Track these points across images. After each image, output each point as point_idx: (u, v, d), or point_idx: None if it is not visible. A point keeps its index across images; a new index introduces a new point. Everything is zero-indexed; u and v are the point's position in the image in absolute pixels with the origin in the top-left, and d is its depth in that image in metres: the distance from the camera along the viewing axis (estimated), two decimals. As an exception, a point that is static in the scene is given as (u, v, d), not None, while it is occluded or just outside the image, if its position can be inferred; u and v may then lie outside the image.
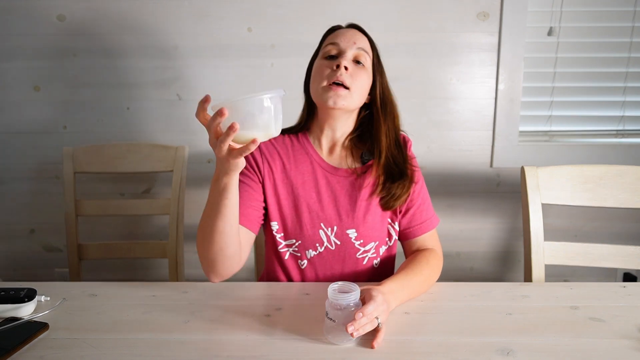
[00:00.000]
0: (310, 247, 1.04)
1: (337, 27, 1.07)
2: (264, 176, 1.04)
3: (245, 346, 0.78)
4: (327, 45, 1.01)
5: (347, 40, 1.00)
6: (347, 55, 0.99)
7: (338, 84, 0.96)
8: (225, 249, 0.90)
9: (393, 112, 1.06)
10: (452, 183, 1.73)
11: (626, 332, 0.82)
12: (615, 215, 1.74)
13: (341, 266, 1.05)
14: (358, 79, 0.98)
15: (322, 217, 1.03)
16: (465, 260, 1.80)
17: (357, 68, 0.99)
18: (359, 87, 0.99)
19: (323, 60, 1.01)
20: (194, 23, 1.62)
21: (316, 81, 1.00)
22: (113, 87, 1.67)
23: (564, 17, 1.64)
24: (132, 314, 0.89)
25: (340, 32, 1.03)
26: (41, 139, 1.70)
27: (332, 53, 1.00)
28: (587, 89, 1.70)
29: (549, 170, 1.27)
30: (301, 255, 1.05)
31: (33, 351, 0.76)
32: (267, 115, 0.73)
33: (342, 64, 0.96)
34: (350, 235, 1.03)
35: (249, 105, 0.71)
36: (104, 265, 1.81)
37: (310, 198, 1.03)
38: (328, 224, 1.03)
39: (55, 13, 1.61)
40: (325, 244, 1.03)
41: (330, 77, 0.97)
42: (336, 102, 0.96)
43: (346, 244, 1.03)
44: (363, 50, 1.01)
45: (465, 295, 0.96)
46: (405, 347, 0.77)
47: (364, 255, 1.04)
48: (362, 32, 1.05)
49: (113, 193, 1.74)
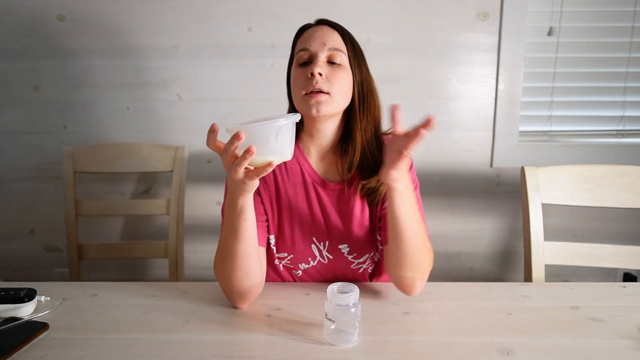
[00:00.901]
0: (302, 261, 1.02)
1: (305, 27, 1.01)
2: (261, 191, 1.00)
3: (245, 346, 0.78)
4: (299, 51, 0.96)
5: (317, 42, 0.94)
6: (319, 61, 0.93)
7: (316, 92, 0.92)
8: (250, 272, 0.87)
9: (372, 106, 1.00)
10: (452, 183, 1.73)
11: (626, 332, 0.82)
12: (615, 215, 1.74)
13: (335, 276, 1.03)
14: (336, 80, 0.93)
15: (314, 231, 1.00)
16: (465, 260, 1.80)
17: (333, 69, 0.93)
18: (339, 89, 0.93)
19: (297, 68, 0.96)
20: (194, 23, 1.62)
21: (295, 91, 0.95)
22: (113, 87, 1.67)
23: (564, 17, 1.64)
24: (132, 314, 0.89)
25: (308, 33, 0.97)
26: (41, 139, 1.70)
27: (304, 59, 0.95)
28: (587, 89, 1.70)
29: (549, 170, 1.27)
30: (294, 267, 1.04)
31: (33, 351, 0.76)
32: (282, 139, 0.74)
33: (315, 72, 0.91)
34: (343, 250, 1.01)
35: (266, 130, 0.72)
36: (104, 265, 1.81)
37: (303, 211, 1.00)
38: (320, 239, 1.00)
39: (55, 13, 1.61)
40: (318, 259, 1.02)
41: (307, 86, 0.92)
42: (319, 109, 0.91)
43: (339, 258, 1.01)
44: (335, 49, 0.94)
45: (465, 295, 0.96)
46: (405, 347, 0.77)
47: (359, 267, 1.03)
48: (332, 27, 0.98)
49: (113, 193, 1.74)
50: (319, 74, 0.91)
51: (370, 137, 0.99)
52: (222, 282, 0.90)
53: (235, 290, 0.89)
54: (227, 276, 0.87)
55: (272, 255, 1.03)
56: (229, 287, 0.89)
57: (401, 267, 0.90)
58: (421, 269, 0.91)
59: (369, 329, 0.82)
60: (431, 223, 1.74)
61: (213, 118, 1.67)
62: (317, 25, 0.99)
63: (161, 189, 1.74)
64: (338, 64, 0.94)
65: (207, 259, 1.80)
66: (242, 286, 0.88)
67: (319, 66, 0.92)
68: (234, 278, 0.87)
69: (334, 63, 0.94)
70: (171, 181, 1.57)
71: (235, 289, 0.88)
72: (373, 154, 0.98)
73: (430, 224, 1.88)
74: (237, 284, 0.88)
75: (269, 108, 1.66)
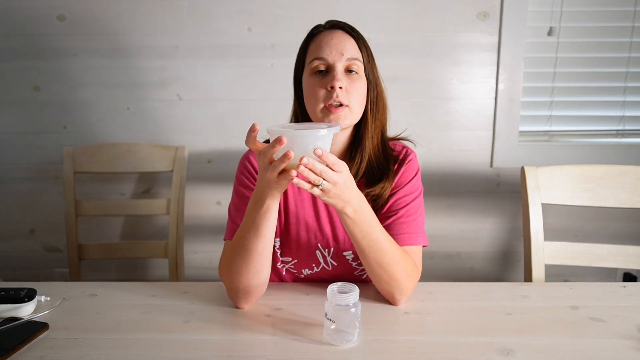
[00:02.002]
0: (306, 266, 1.02)
1: (317, 30, 0.96)
2: None
3: (246, 346, 0.78)
4: (313, 60, 0.92)
5: (334, 52, 0.91)
6: (338, 72, 0.90)
7: (337, 105, 0.90)
8: (261, 272, 0.88)
9: (381, 109, 0.98)
10: (452, 183, 1.73)
11: (626, 332, 0.82)
12: (615, 215, 1.74)
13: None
14: (354, 92, 0.91)
15: (320, 237, 0.99)
16: (465, 260, 1.80)
17: (351, 80, 0.91)
18: (357, 100, 0.92)
19: (313, 76, 0.93)
20: (194, 23, 1.62)
21: (311, 102, 0.92)
22: (113, 87, 1.67)
23: (564, 17, 1.64)
24: (132, 314, 0.89)
25: (323, 39, 0.93)
26: (41, 139, 1.70)
27: (320, 69, 0.92)
28: (587, 89, 1.70)
29: (549, 170, 1.27)
30: (297, 272, 1.04)
31: (33, 351, 0.76)
32: (320, 147, 0.75)
33: (336, 86, 0.89)
34: (347, 257, 1.00)
35: (307, 139, 0.73)
36: (104, 265, 1.81)
37: (309, 217, 1.00)
38: (325, 246, 1.00)
39: (55, 13, 1.61)
40: (322, 265, 1.02)
41: (327, 99, 0.90)
42: (340, 123, 0.89)
43: (343, 265, 1.01)
44: (353, 59, 0.92)
45: (465, 295, 0.96)
46: (405, 347, 0.77)
47: (363, 273, 1.03)
48: (347, 33, 0.94)
49: (113, 193, 1.75)
50: (340, 87, 0.89)
51: (377, 143, 0.98)
52: (230, 280, 0.89)
53: (243, 289, 0.88)
54: (238, 273, 0.87)
55: (275, 258, 1.02)
56: (236, 285, 0.88)
57: (376, 281, 0.91)
58: (397, 282, 0.89)
59: (369, 329, 0.82)
60: (431, 223, 1.76)
61: (213, 118, 1.68)
62: (331, 29, 0.95)
63: (161, 189, 1.74)
64: (355, 72, 0.92)
65: (207, 259, 1.80)
66: (251, 284, 0.88)
67: (339, 79, 0.89)
68: (245, 275, 0.87)
69: (351, 71, 0.92)
70: (171, 181, 1.57)
71: (243, 287, 0.88)
72: (379, 160, 0.98)
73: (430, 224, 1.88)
74: (246, 282, 0.87)
75: (269, 108, 1.66)
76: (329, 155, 0.74)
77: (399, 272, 0.88)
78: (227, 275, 0.89)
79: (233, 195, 1.00)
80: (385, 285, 0.90)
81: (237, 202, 0.98)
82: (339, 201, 0.79)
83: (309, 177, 0.74)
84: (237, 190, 0.99)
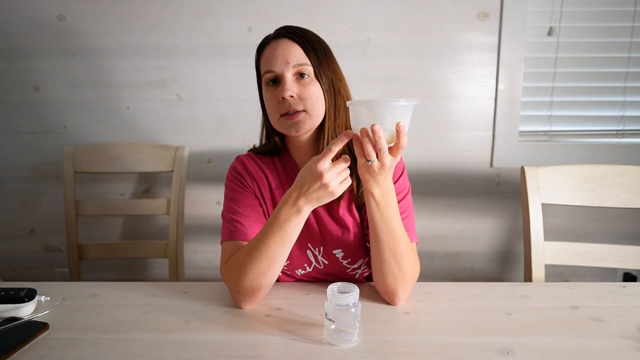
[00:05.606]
0: (298, 267, 1.03)
1: (265, 41, 0.97)
2: (257, 197, 1.01)
3: (246, 346, 0.78)
4: (265, 73, 0.94)
5: (280, 61, 0.91)
6: (287, 82, 0.90)
7: (292, 113, 0.91)
8: (276, 275, 0.89)
9: (341, 106, 0.96)
10: (452, 183, 1.73)
11: (626, 332, 0.82)
12: (615, 215, 1.74)
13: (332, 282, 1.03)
14: (308, 95, 0.91)
15: (309, 237, 1.00)
16: (465, 260, 1.80)
17: (302, 85, 0.91)
18: (313, 104, 0.91)
19: (267, 88, 0.95)
20: (194, 23, 1.62)
21: (270, 113, 0.95)
22: (113, 87, 1.67)
23: (564, 17, 1.64)
24: (132, 314, 0.89)
25: (269, 51, 0.94)
26: (41, 139, 1.70)
27: (272, 80, 0.93)
28: (587, 89, 1.70)
29: (549, 170, 1.27)
30: (291, 273, 1.04)
31: (33, 351, 0.76)
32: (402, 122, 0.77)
33: (286, 96, 0.90)
34: (337, 255, 1.01)
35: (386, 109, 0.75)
36: (104, 265, 1.81)
37: None
38: (315, 245, 1.01)
39: (55, 13, 1.61)
40: (314, 264, 1.02)
41: (281, 109, 0.91)
42: (298, 129, 0.91)
43: (334, 263, 1.02)
44: (299, 64, 0.91)
45: (465, 295, 0.96)
46: (405, 347, 0.77)
47: (354, 272, 1.04)
48: (291, 40, 0.93)
49: (113, 193, 1.75)
50: (290, 96, 0.90)
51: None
52: (239, 282, 0.88)
53: (251, 291, 0.88)
54: (251, 278, 0.86)
55: None
56: (245, 287, 0.88)
57: (383, 274, 0.90)
58: (403, 277, 0.89)
59: (369, 329, 0.82)
60: (431, 223, 1.76)
61: (213, 118, 1.68)
62: (277, 39, 0.95)
63: (161, 189, 1.74)
64: (307, 75, 0.92)
65: (207, 259, 1.80)
66: (260, 289, 0.88)
67: (288, 89, 0.90)
68: (259, 279, 0.87)
69: (303, 74, 0.92)
70: (171, 181, 1.57)
71: (252, 290, 0.88)
72: (353, 153, 0.95)
73: (430, 224, 1.88)
74: (256, 285, 0.87)
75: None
76: (405, 136, 0.75)
77: (408, 266, 0.89)
78: (237, 277, 0.88)
79: (225, 202, 1.01)
80: (392, 278, 0.89)
81: (231, 206, 0.98)
82: (373, 182, 0.82)
83: (366, 145, 0.75)
84: (229, 196, 1.00)
